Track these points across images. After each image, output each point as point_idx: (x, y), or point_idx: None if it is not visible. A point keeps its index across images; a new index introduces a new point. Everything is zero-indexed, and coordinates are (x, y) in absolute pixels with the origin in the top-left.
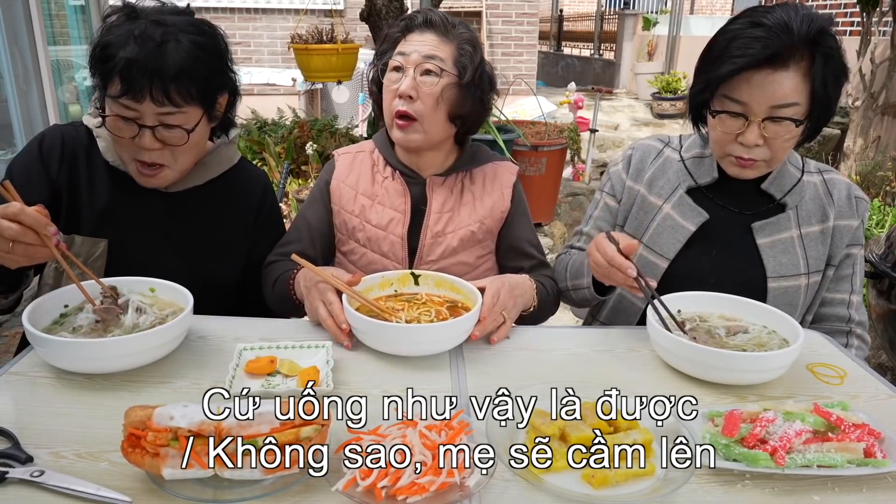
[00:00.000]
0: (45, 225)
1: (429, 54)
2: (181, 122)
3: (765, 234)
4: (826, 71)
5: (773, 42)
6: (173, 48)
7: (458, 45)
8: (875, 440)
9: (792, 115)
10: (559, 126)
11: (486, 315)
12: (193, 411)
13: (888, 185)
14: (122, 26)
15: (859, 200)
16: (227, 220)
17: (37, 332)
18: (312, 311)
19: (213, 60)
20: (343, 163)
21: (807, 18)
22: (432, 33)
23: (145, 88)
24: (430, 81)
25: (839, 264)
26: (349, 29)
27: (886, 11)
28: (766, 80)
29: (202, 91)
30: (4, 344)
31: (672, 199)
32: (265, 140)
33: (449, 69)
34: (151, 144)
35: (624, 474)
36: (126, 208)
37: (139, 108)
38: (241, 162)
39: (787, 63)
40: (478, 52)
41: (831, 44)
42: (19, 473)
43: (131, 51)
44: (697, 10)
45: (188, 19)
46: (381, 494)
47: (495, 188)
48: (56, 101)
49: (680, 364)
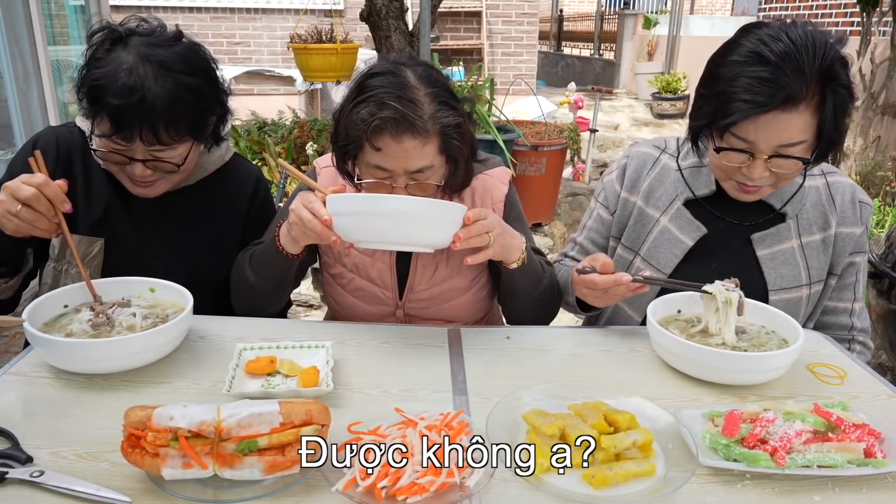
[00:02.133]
0: (62, 201)
1: (416, 168)
2: (171, 156)
3: (765, 246)
4: (836, 105)
5: (783, 85)
6: (162, 92)
7: (440, 132)
8: (875, 440)
9: (799, 154)
10: (559, 126)
11: (472, 219)
12: (193, 411)
13: (888, 185)
14: (108, 59)
15: (863, 205)
16: (221, 216)
17: (36, 332)
18: (294, 216)
19: (202, 97)
20: (325, 179)
21: (818, 49)
22: (410, 136)
23: (135, 132)
24: (425, 186)
25: (842, 273)
26: (349, 29)
27: (886, 11)
28: (774, 120)
29: (192, 127)
30: (4, 344)
31: (669, 211)
32: (265, 140)
33: (439, 165)
34: (143, 174)
35: (624, 474)
36: (121, 208)
37: (129, 146)
38: (233, 158)
39: (797, 104)
40: (458, 111)
41: (843, 78)
42: (19, 474)
43: (118, 94)
44: (697, 10)
45: (177, 52)
46: (380, 495)
47: (486, 206)
48: (56, 101)
49: (680, 364)
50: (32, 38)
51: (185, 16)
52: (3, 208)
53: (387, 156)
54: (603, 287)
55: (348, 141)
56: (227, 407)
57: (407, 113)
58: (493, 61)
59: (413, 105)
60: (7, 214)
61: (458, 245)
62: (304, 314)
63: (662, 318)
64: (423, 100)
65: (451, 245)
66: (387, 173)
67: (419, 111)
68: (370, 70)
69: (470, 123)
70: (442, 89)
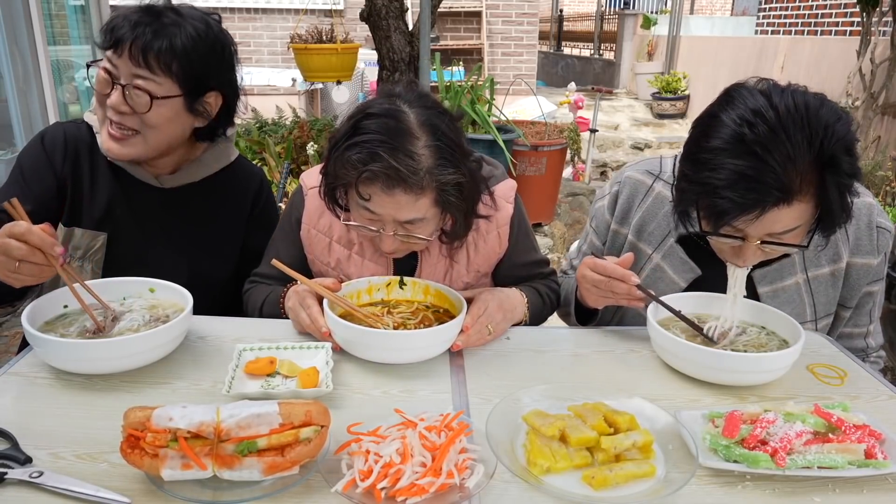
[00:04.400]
0: (51, 245)
1: (406, 220)
2: (151, 88)
3: (765, 283)
4: (840, 190)
5: (770, 182)
6: (172, 25)
7: (436, 188)
8: (876, 441)
9: (792, 241)
10: (559, 126)
11: (471, 326)
12: (192, 412)
13: (888, 185)
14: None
15: (881, 231)
16: (223, 216)
17: (36, 332)
18: (293, 315)
19: (206, 50)
20: (313, 202)
21: (815, 135)
22: (402, 191)
23: (126, 41)
24: (417, 235)
25: (858, 303)
26: (349, 29)
27: (886, 11)
28: (763, 215)
29: (183, 70)
30: (4, 344)
31: (662, 248)
32: (265, 140)
33: (433, 216)
34: (118, 102)
35: (624, 475)
36: (125, 204)
37: (118, 63)
38: (238, 159)
39: (789, 201)
40: (461, 169)
41: (846, 166)
42: (18, 474)
43: (134, 15)
44: (697, 10)
45: (202, 14)
46: (380, 496)
47: (490, 230)
48: (56, 101)
49: (680, 365)
50: (32, 38)
51: None
52: (3, 269)
53: (376, 205)
54: (612, 274)
55: (337, 180)
56: (227, 408)
57: (399, 169)
58: (493, 61)
59: (408, 159)
60: (9, 275)
61: (458, 350)
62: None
63: (662, 318)
64: (421, 152)
65: (452, 347)
66: (376, 216)
67: (414, 165)
68: (369, 107)
69: (475, 180)
70: (446, 142)
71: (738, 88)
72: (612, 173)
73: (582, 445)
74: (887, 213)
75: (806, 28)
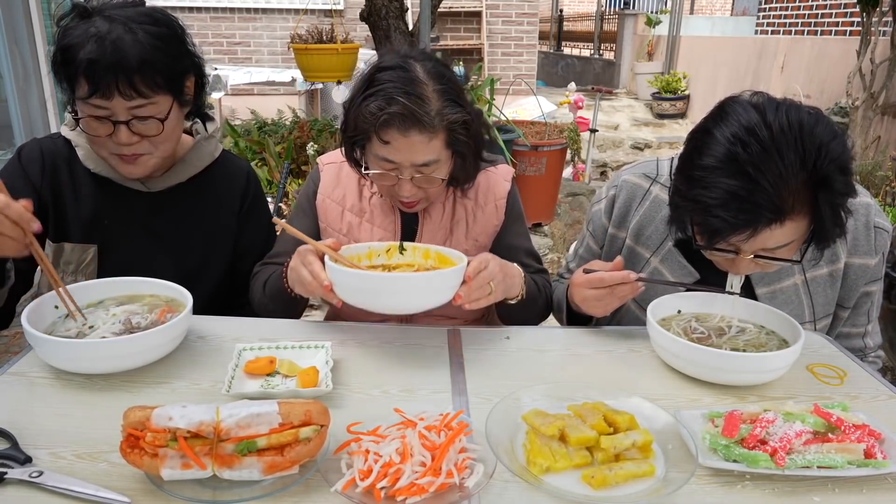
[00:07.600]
0: (28, 220)
1: (422, 162)
2: (153, 112)
3: (763, 285)
4: (834, 208)
5: (761, 203)
6: (131, 41)
7: (446, 128)
8: (875, 441)
9: (786, 255)
10: (559, 126)
11: (472, 276)
12: (192, 412)
13: (888, 185)
14: (78, 27)
15: (879, 232)
16: (212, 214)
17: (35, 332)
18: (295, 275)
19: (172, 46)
20: (328, 175)
21: (808, 155)
22: (417, 132)
23: (112, 85)
24: (431, 179)
25: (856, 303)
26: (349, 29)
27: (886, 11)
28: (756, 234)
29: (168, 78)
30: (4, 344)
31: (660, 252)
32: (265, 140)
33: (445, 159)
34: (129, 139)
35: (623, 475)
36: (112, 213)
37: (109, 105)
38: (222, 155)
39: (781, 220)
40: (465, 108)
41: (840, 185)
42: (18, 474)
43: (91, 51)
44: (697, 10)
45: (139, 10)
46: (380, 495)
47: (489, 201)
48: (56, 101)
49: (680, 364)
50: (32, 38)
51: (184, 15)
52: None
53: (394, 149)
54: (610, 283)
55: (357, 132)
56: (226, 407)
57: (414, 109)
58: (493, 61)
59: (420, 101)
60: None
61: (460, 302)
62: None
63: (662, 318)
64: (430, 96)
65: (453, 301)
66: (393, 165)
67: (426, 107)
68: (380, 63)
69: (479, 122)
70: (450, 86)
71: (732, 103)
72: (611, 173)
73: (581, 445)
74: (887, 214)
75: (806, 28)
